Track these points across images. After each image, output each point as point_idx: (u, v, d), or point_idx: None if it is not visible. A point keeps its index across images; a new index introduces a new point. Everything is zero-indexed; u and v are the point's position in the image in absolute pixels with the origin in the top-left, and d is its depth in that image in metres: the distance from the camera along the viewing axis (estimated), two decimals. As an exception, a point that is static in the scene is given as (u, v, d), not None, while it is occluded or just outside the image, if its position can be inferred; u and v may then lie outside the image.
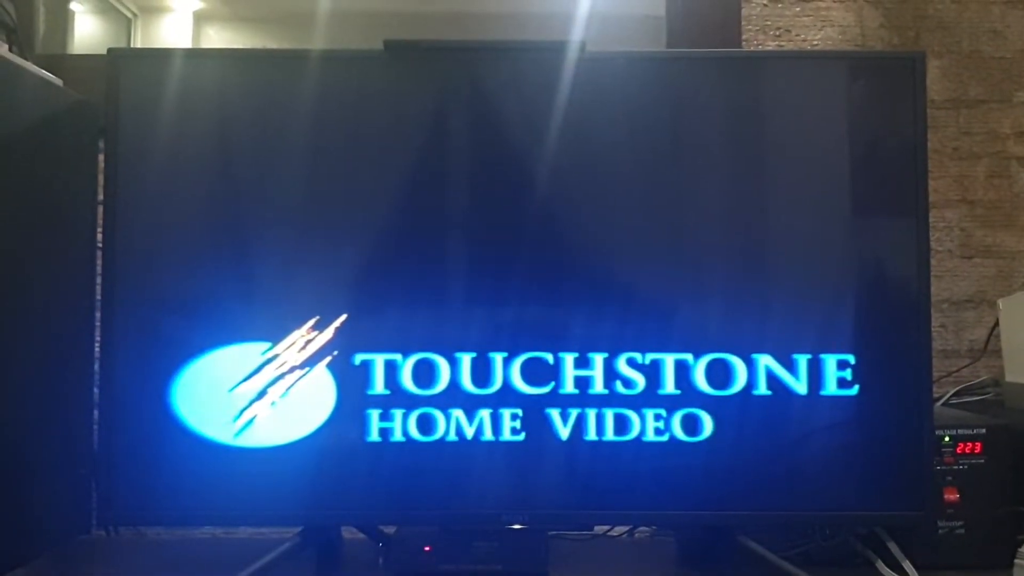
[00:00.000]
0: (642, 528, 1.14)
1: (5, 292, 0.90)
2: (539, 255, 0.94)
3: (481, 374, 0.93)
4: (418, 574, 0.94)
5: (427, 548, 0.94)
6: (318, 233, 0.94)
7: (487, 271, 0.94)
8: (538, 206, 0.94)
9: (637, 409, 0.93)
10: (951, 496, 0.97)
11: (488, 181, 0.95)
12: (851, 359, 0.93)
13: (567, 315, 0.94)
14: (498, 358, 0.93)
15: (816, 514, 0.95)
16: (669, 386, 0.93)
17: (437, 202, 0.95)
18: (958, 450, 0.97)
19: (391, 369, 0.93)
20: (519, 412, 0.93)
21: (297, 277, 0.94)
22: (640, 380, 0.93)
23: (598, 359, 0.93)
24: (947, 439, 0.97)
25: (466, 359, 0.93)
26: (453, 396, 0.93)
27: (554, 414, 0.93)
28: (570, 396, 0.93)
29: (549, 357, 0.93)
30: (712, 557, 0.99)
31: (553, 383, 0.93)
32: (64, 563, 1.01)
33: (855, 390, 0.93)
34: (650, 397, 0.93)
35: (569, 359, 0.93)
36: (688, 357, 0.93)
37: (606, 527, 1.10)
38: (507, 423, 0.93)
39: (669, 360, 0.93)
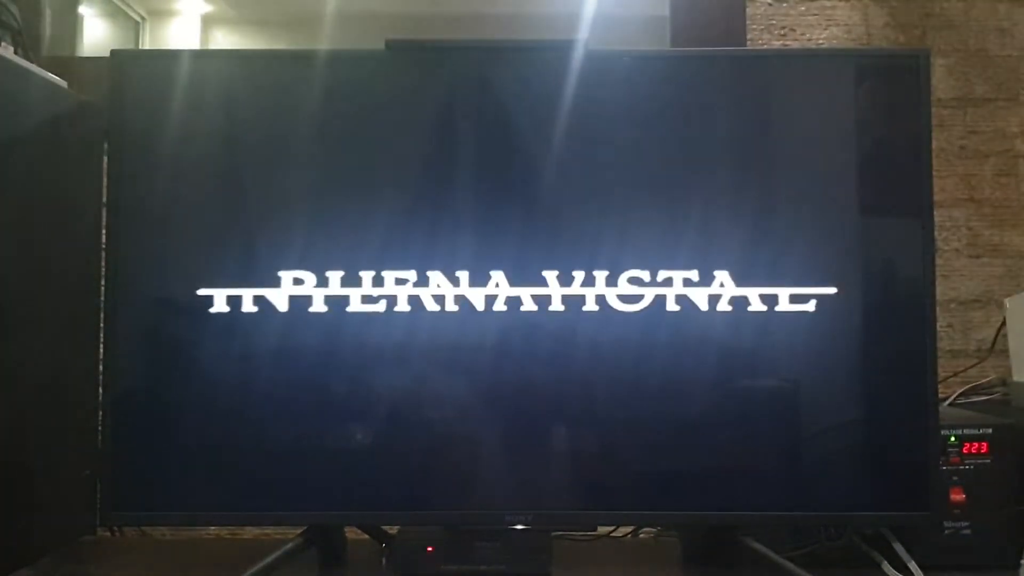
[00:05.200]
0: (646, 529, 1.14)
1: (9, 293, 0.90)
2: (544, 256, 0.93)
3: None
4: (420, 574, 0.94)
5: (430, 548, 0.94)
6: (322, 233, 0.94)
7: (490, 273, 0.94)
8: (543, 205, 0.94)
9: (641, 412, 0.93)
10: (957, 496, 0.96)
11: (492, 180, 0.95)
12: (857, 359, 0.93)
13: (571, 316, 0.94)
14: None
15: (821, 514, 0.94)
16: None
17: (441, 200, 0.95)
18: (964, 450, 0.96)
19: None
20: (522, 419, 0.93)
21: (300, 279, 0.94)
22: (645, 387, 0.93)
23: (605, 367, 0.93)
24: (953, 439, 0.97)
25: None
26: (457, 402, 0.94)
27: (558, 420, 0.93)
28: (574, 402, 0.93)
29: (552, 363, 0.93)
30: (716, 558, 0.98)
31: (557, 392, 0.93)
32: (68, 563, 1.02)
33: (861, 390, 0.93)
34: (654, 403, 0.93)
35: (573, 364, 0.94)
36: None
37: (610, 527, 1.10)
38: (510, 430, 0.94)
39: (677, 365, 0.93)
